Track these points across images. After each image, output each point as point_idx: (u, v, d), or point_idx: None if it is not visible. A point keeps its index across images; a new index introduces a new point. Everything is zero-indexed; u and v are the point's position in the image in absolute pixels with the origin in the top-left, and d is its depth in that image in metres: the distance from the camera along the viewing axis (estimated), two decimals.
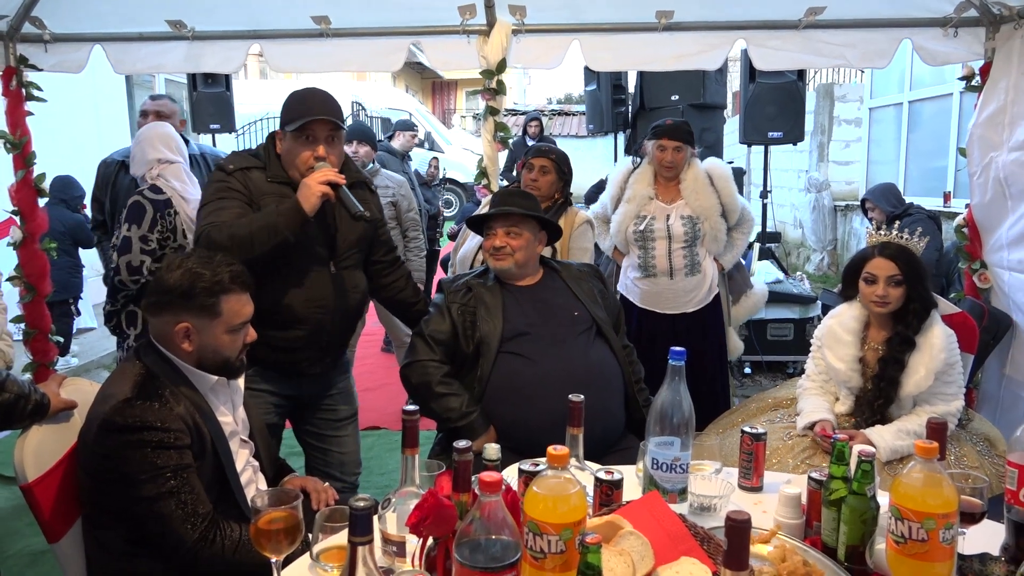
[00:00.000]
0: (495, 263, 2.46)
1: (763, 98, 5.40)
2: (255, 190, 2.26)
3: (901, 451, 2.27)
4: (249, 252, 2.11)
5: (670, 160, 3.29)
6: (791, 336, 5.08)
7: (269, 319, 2.23)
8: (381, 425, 4.39)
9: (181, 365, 1.79)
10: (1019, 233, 3.19)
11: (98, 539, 1.77)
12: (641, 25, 3.52)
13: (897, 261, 2.35)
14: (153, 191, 2.82)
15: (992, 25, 3.30)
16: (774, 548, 1.43)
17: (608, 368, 2.41)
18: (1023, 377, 3.21)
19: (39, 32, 3.54)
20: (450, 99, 25.83)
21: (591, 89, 6.72)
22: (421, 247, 4.59)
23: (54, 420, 1.84)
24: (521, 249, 2.44)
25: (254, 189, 2.26)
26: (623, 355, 2.48)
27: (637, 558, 1.25)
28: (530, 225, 2.47)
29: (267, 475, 2.02)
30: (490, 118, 3.56)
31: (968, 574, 1.37)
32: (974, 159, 3.38)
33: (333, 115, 2.27)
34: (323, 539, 1.48)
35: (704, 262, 3.39)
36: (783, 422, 2.56)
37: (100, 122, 7.32)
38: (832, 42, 3.50)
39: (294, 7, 3.44)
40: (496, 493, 1.10)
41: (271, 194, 2.26)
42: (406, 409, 1.45)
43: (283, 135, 2.31)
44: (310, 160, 2.24)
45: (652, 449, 1.59)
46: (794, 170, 9.86)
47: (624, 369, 2.46)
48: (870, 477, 1.41)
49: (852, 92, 9.22)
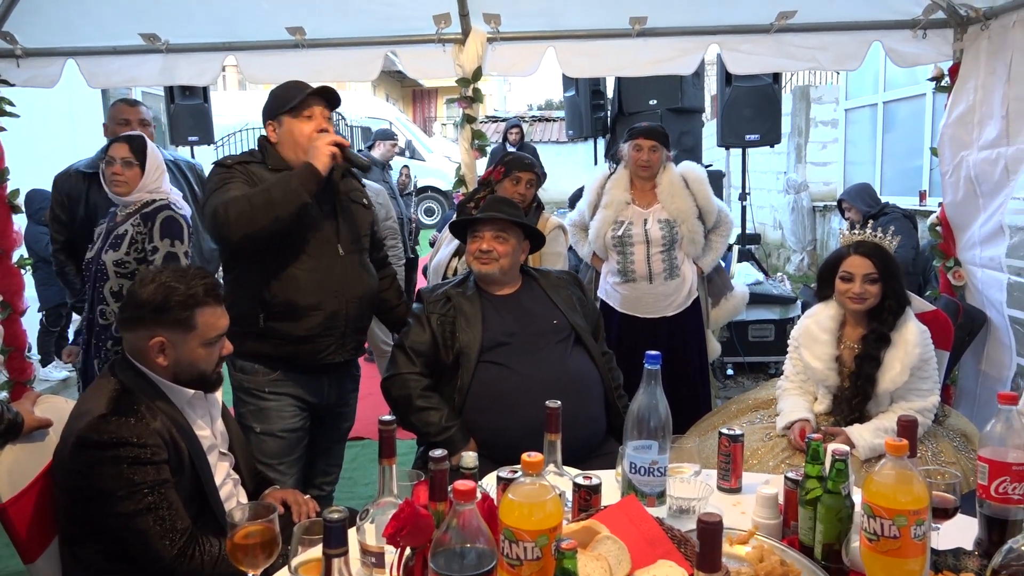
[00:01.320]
0: (480, 267, 2.46)
1: (740, 101, 5.45)
2: (258, 179, 2.29)
3: (879, 449, 2.29)
4: (268, 216, 2.14)
5: (646, 159, 3.31)
6: (772, 337, 5.12)
7: (283, 312, 2.30)
8: (365, 436, 4.37)
9: (157, 380, 1.78)
10: (991, 231, 3.24)
11: (75, 557, 1.75)
12: (615, 31, 3.54)
13: (872, 259, 2.38)
14: (176, 207, 2.78)
15: (959, 27, 3.35)
16: (752, 549, 1.45)
17: (588, 375, 2.42)
18: (998, 373, 3.25)
19: (10, 47, 3.50)
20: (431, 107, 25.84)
21: (570, 95, 6.75)
22: (400, 255, 4.60)
23: (28, 439, 1.82)
24: (507, 255, 2.45)
25: (256, 179, 2.29)
26: (602, 362, 2.50)
27: (614, 562, 1.26)
28: (516, 232, 2.48)
29: (247, 488, 2.01)
30: (467, 126, 3.57)
31: (942, 569, 1.39)
32: (945, 158, 3.43)
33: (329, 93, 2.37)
34: (302, 552, 1.47)
35: (683, 266, 3.40)
36: (763, 423, 2.58)
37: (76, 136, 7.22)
38: (804, 45, 3.54)
39: (268, 18, 3.44)
40: (471, 501, 1.11)
41: None
42: (382, 419, 1.45)
43: (277, 125, 2.35)
44: (313, 133, 2.30)
45: (630, 453, 1.60)
46: (772, 172, 9.95)
47: (604, 376, 2.47)
48: (844, 476, 1.43)
49: (828, 94, 9.31)
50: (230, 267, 2.41)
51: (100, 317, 2.73)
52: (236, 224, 2.14)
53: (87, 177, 3.13)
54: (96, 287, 2.75)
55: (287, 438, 2.42)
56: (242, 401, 2.41)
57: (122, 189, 2.76)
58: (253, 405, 2.39)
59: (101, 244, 2.77)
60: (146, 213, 2.72)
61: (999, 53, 3.14)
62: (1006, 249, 3.15)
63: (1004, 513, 1.45)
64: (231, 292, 2.17)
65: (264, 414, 2.39)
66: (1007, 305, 3.19)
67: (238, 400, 2.42)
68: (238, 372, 2.40)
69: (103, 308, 2.73)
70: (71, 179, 3.17)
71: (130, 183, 2.76)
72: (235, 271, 2.38)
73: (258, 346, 2.34)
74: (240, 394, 2.41)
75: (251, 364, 2.37)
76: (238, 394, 2.42)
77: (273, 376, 2.38)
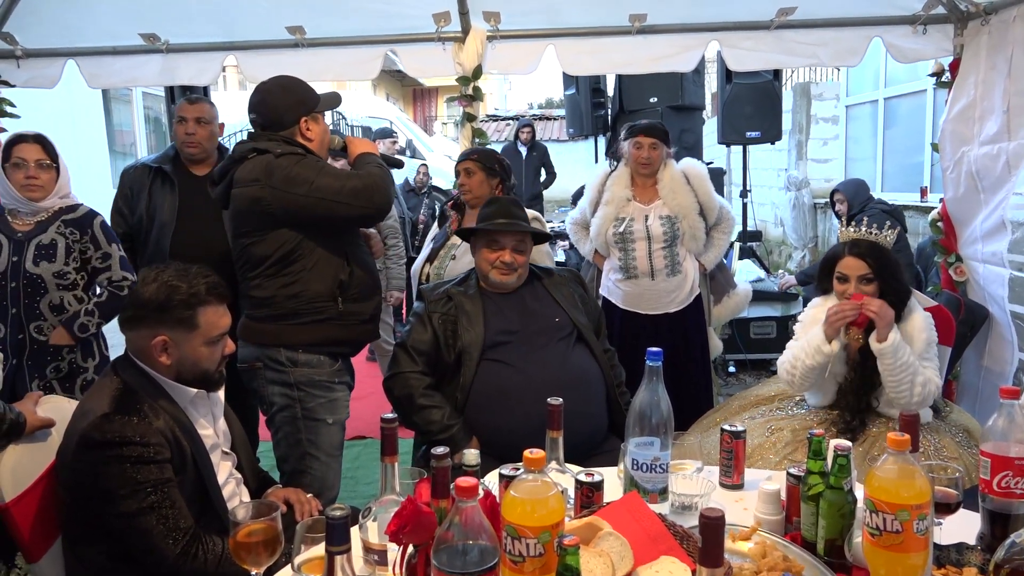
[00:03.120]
0: (501, 277, 2.45)
1: (740, 98, 5.45)
2: None
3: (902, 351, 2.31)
4: (385, 193, 2.29)
5: (646, 157, 3.31)
6: (774, 334, 5.12)
7: (359, 293, 2.39)
8: (367, 435, 4.37)
9: (159, 379, 1.78)
10: (992, 226, 3.23)
11: (79, 557, 1.75)
12: (615, 29, 3.54)
13: (866, 259, 2.39)
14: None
15: (960, 22, 3.35)
16: (754, 544, 1.45)
17: (590, 372, 2.42)
18: (1000, 368, 3.25)
19: (11, 48, 3.52)
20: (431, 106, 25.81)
21: (570, 93, 6.75)
22: (401, 255, 4.59)
23: (31, 439, 1.82)
24: (525, 265, 2.47)
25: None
26: (604, 359, 2.50)
27: (616, 559, 1.26)
28: (529, 240, 2.50)
29: (250, 487, 2.01)
30: (468, 124, 3.58)
31: (945, 564, 1.38)
32: (946, 154, 3.42)
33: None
34: (305, 550, 1.47)
35: (684, 262, 3.41)
36: (764, 417, 2.58)
37: (77, 136, 7.26)
38: (804, 41, 3.54)
39: (268, 18, 3.44)
40: (473, 498, 1.11)
41: None
42: (384, 417, 1.45)
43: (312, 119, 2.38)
44: None
45: (632, 450, 1.60)
46: (773, 169, 9.93)
47: (606, 373, 2.47)
48: (847, 471, 1.43)
49: (829, 90, 9.29)
50: (294, 258, 2.29)
51: (37, 334, 2.59)
52: (386, 196, 2.29)
53: (152, 171, 3.05)
54: (28, 302, 2.58)
55: (345, 426, 2.49)
56: (310, 395, 2.36)
57: (37, 194, 2.60)
58: (323, 397, 2.38)
59: (17, 256, 2.57)
60: (73, 220, 2.61)
61: (999, 48, 3.13)
62: (1008, 244, 3.15)
63: (1007, 508, 1.45)
64: (296, 283, 2.26)
65: (334, 404, 2.42)
66: (1009, 300, 3.18)
67: (304, 395, 2.35)
68: (302, 367, 2.34)
69: (40, 324, 2.57)
70: (137, 173, 3.08)
71: (46, 187, 2.62)
72: (303, 260, 2.29)
73: (334, 331, 2.35)
74: (308, 388, 2.36)
75: (316, 357, 2.36)
76: (305, 389, 2.35)
77: (336, 366, 2.41)
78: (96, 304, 2.70)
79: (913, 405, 2.32)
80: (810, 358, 2.41)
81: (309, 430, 2.37)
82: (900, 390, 2.32)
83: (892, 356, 2.30)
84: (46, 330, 2.60)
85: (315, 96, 2.39)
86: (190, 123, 2.99)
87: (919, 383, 2.31)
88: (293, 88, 2.39)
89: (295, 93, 2.37)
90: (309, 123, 2.36)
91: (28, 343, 2.60)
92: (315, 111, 2.37)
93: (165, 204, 2.97)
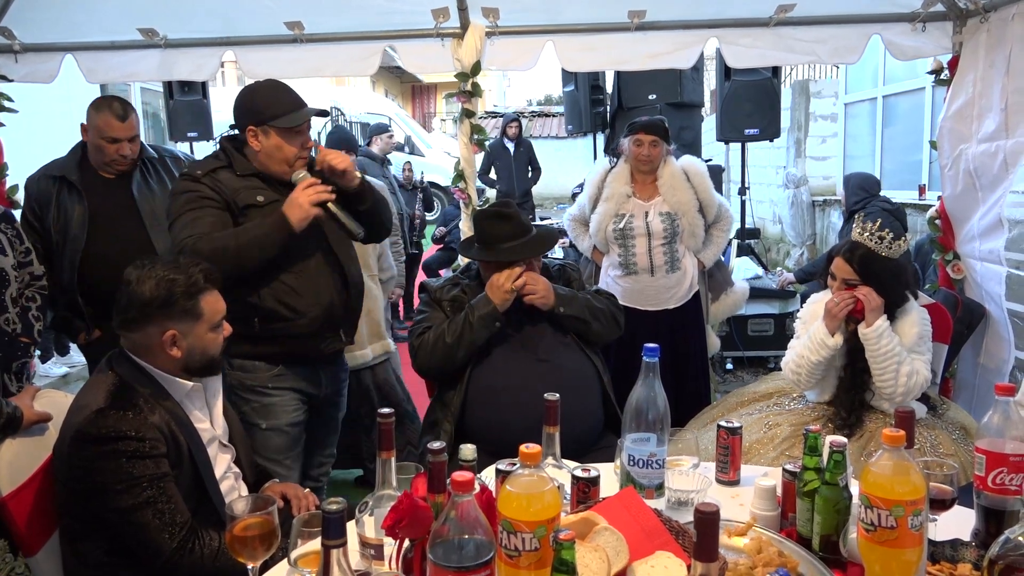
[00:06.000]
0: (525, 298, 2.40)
1: (739, 95, 5.44)
2: (227, 189, 2.26)
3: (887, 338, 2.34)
4: (236, 266, 2.12)
5: (647, 154, 3.32)
6: (771, 331, 5.12)
7: (277, 316, 2.27)
8: None
9: (155, 373, 1.78)
10: (990, 224, 3.23)
11: (76, 551, 1.75)
12: (614, 25, 3.54)
13: (853, 264, 2.40)
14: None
15: (959, 19, 3.34)
16: (750, 540, 1.45)
17: (585, 368, 2.43)
18: (997, 365, 3.26)
19: (8, 42, 3.50)
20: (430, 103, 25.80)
21: (569, 90, 6.75)
22: (400, 251, 4.59)
23: (28, 433, 1.83)
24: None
25: (226, 189, 2.26)
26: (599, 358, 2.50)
27: (612, 553, 1.26)
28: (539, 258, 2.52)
29: (248, 482, 2.02)
30: (466, 120, 3.57)
31: (940, 560, 1.39)
32: (944, 152, 3.43)
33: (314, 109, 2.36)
34: (301, 544, 1.47)
35: (684, 259, 3.42)
36: (761, 413, 2.59)
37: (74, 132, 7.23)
38: (803, 39, 3.54)
39: (267, 13, 3.43)
40: (469, 492, 1.11)
41: (243, 188, 2.28)
42: (381, 412, 1.45)
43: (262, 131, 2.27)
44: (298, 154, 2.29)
45: (628, 446, 1.60)
46: (772, 166, 9.92)
47: (601, 371, 2.47)
48: (842, 467, 1.43)
49: (827, 88, 9.28)
50: None
51: (4, 324, 2.49)
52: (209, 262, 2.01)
53: (56, 181, 2.93)
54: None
55: (291, 432, 2.42)
56: (243, 399, 2.37)
57: None
58: (256, 402, 2.38)
59: None
60: (3, 215, 2.58)
61: (998, 46, 3.13)
62: (1005, 242, 3.16)
63: (1001, 504, 1.46)
64: None
65: (269, 410, 2.38)
66: (1006, 298, 3.19)
67: (238, 399, 2.36)
68: (236, 371, 2.36)
69: (7, 316, 2.49)
70: (41, 185, 2.96)
71: None
72: None
73: (256, 348, 2.33)
74: (241, 392, 2.37)
75: (250, 362, 2.36)
76: (239, 393, 2.37)
77: (275, 371, 2.37)
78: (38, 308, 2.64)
79: (899, 396, 2.34)
80: (815, 354, 2.42)
81: (247, 431, 2.30)
82: (885, 378, 2.35)
83: (876, 342, 2.33)
84: (12, 321, 2.52)
85: (277, 110, 2.26)
86: (124, 145, 2.85)
87: (904, 372, 2.33)
88: (258, 94, 2.32)
89: (254, 100, 2.30)
90: (258, 134, 2.27)
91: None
92: (268, 124, 2.25)
93: (74, 216, 2.83)
